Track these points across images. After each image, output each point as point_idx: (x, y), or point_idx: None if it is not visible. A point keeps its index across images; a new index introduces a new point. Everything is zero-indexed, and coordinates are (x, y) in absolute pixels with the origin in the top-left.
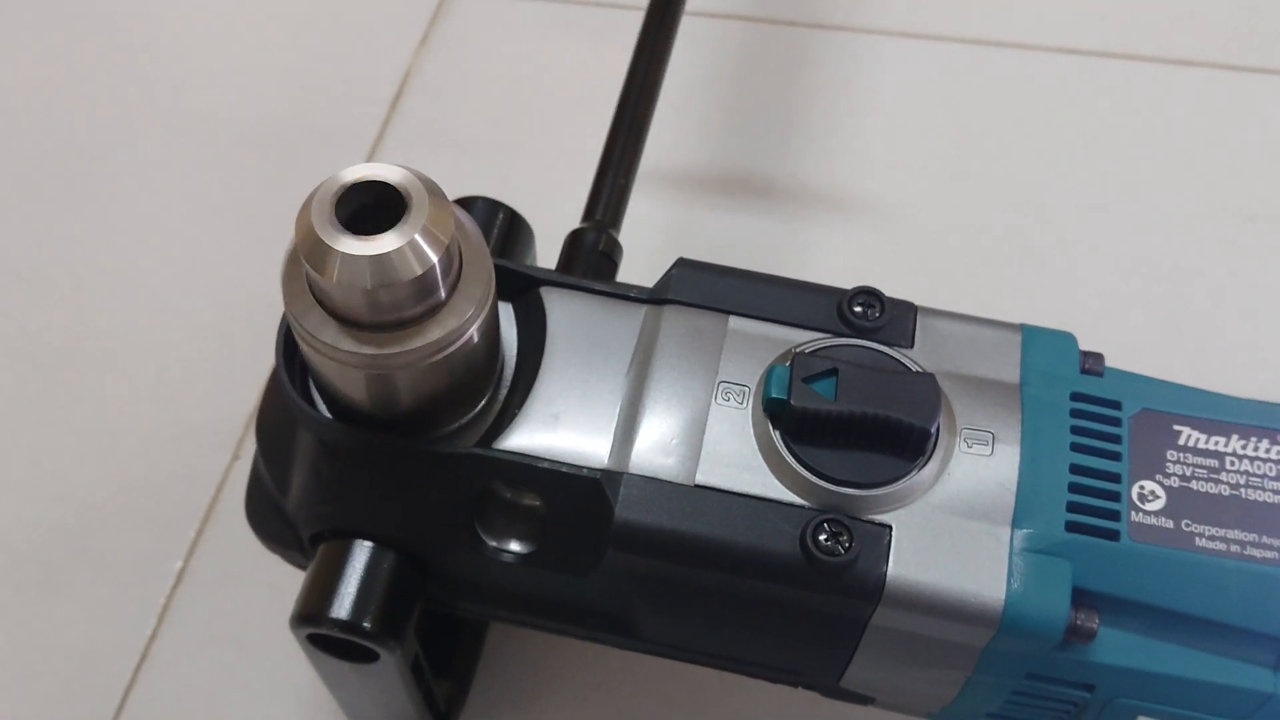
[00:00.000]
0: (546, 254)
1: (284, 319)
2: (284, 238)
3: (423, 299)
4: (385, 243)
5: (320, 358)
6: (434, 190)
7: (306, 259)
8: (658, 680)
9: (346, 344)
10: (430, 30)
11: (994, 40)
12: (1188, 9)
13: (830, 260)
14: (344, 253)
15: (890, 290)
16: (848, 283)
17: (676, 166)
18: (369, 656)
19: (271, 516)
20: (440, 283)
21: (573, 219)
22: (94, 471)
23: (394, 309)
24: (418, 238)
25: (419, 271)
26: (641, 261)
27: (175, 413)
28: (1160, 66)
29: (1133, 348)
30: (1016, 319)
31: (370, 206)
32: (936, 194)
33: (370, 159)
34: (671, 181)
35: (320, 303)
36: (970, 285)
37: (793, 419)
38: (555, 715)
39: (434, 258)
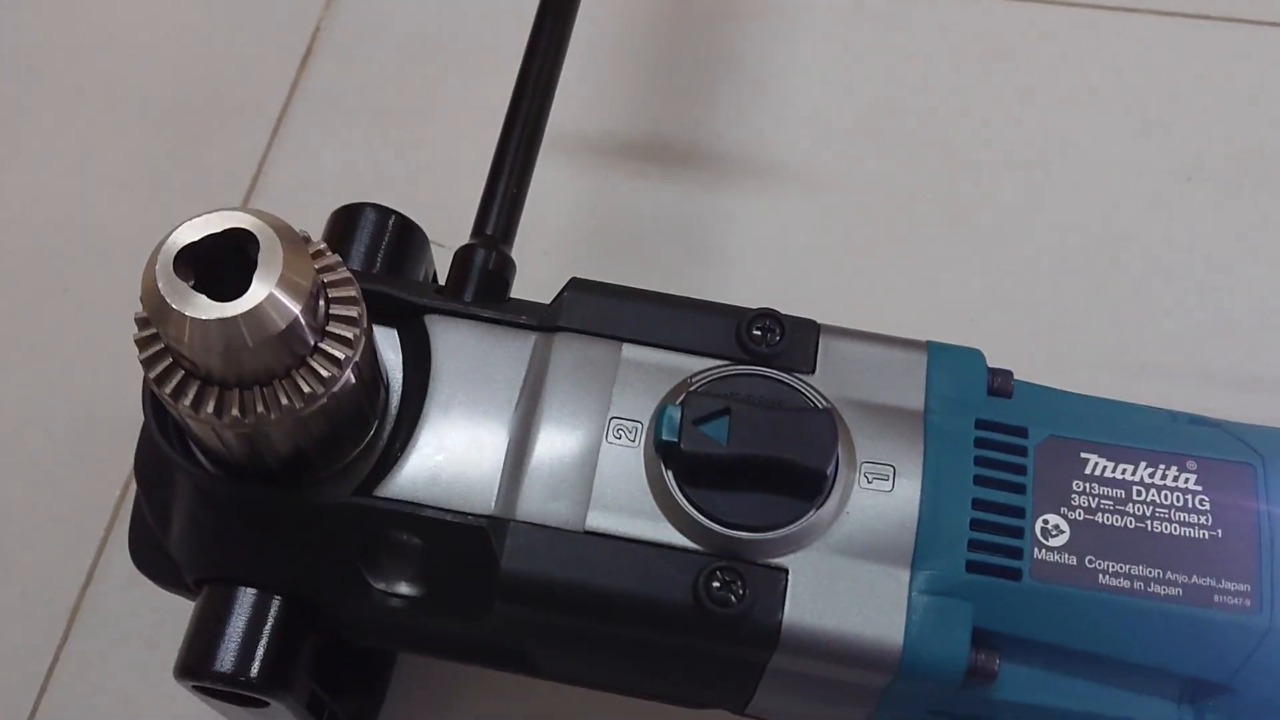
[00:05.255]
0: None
1: None
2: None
3: (290, 351)
4: (239, 304)
5: (185, 419)
6: (288, 235)
7: (154, 322)
8: None
9: (208, 406)
10: None
11: None
12: None
13: (753, 228)
14: (192, 317)
15: (818, 257)
16: (772, 251)
17: (592, 131)
18: (260, 703)
19: (156, 554)
20: (306, 333)
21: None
22: None
23: (258, 367)
24: (275, 292)
25: (281, 327)
26: (556, 235)
27: (78, 405)
28: (1096, 13)
29: (1064, 313)
30: (945, 285)
31: (222, 252)
32: (863, 155)
33: (275, 132)
34: (587, 147)
35: (177, 363)
36: (898, 251)
37: (684, 462)
38: (474, 716)
39: (295, 310)
